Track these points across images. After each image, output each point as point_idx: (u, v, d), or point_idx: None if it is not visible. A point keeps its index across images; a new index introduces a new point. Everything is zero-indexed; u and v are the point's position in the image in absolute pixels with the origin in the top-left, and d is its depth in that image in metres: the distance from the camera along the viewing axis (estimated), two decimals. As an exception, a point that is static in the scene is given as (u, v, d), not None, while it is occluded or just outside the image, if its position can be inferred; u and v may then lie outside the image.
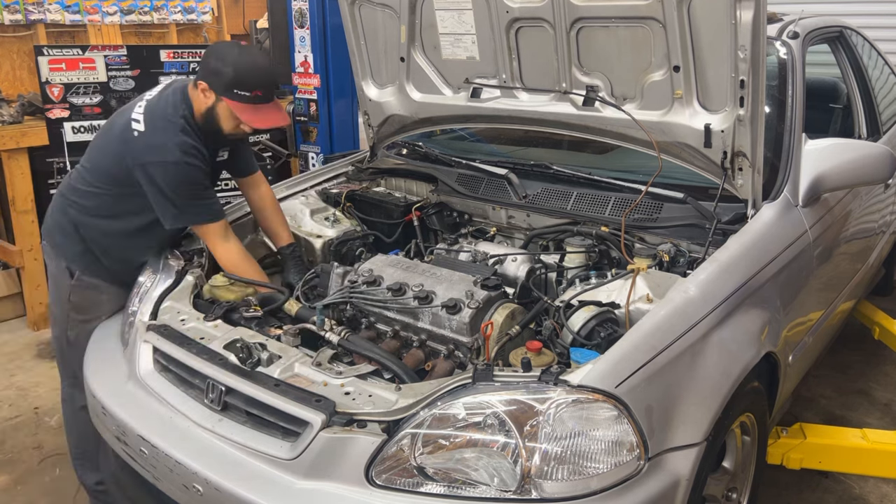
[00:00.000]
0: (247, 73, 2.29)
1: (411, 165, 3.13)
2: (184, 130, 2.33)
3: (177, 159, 2.29)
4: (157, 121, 2.34)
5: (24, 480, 3.00)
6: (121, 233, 2.50)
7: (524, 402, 1.68)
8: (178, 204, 2.35)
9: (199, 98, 2.35)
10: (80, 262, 2.53)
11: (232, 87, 2.28)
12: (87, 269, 2.53)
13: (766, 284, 2.20)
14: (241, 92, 2.28)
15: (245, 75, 2.28)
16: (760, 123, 2.19)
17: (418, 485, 1.67)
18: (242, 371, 1.93)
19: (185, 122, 2.35)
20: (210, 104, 2.34)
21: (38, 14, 4.77)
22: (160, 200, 2.35)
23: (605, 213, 2.49)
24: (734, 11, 2.05)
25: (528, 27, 2.52)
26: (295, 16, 4.66)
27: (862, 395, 3.54)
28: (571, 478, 1.63)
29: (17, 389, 3.68)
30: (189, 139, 2.33)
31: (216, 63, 2.30)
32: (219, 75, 2.28)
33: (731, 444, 2.18)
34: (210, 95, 2.32)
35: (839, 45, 3.41)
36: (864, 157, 2.50)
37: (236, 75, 2.27)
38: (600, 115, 2.54)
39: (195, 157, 2.33)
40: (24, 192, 4.21)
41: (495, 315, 2.07)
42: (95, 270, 2.53)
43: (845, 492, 2.86)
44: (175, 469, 1.88)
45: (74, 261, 2.54)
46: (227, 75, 2.27)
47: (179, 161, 2.30)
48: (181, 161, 2.30)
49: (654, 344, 1.80)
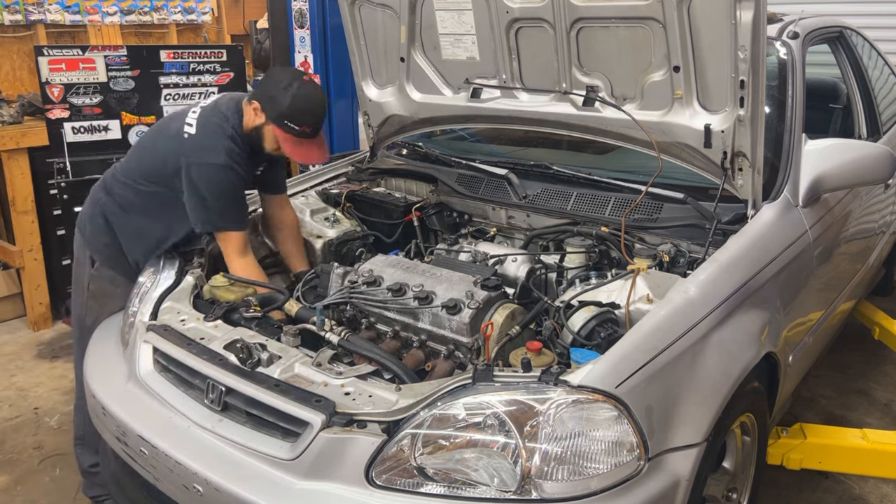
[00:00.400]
0: (301, 109, 2.38)
1: (411, 166, 3.13)
2: (232, 138, 2.43)
3: (221, 163, 2.39)
4: (209, 126, 2.45)
5: (24, 480, 3.00)
6: (149, 232, 2.56)
7: (524, 403, 1.68)
8: (212, 206, 2.41)
9: (250, 115, 2.45)
10: (102, 254, 2.65)
11: (283, 118, 2.37)
12: (107, 260, 2.64)
13: (766, 285, 2.20)
14: (290, 124, 2.38)
15: (299, 111, 2.37)
16: (760, 124, 2.19)
17: (418, 485, 1.67)
18: (242, 371, 1.93)
19: (235, 131, 2.45)
20: (258, 124, 2.44)
21: (38, 14, 4.78)
22: (195, 201, 2.42)
23: (605, 214, 2.49)
24: (734, 12, 2.05)
25: (528, 27, 2.53)
26: (295, 16, 4.66)
27: (862, 395, 3.54)
28: (571, 478, 1.63)
29: (17, 389, 3.68)
30: (236, 147, 2.43)
31: (275, 90, 2.39)
32: (273, 103, 2.38)
33: (731, 444, 2.19)
34: (261, 116, 2.42)
35: (839, 46, 3.41)
36: (864, 158, 2.50)
37: (290, 108, 2.36)
38: (600, 116, 2.54)
39: (238, 165, 2.43)
40: (24, 192, 4.21)
41: (495, 315, 2.07)
42: (115, 264, 2.63)
43: (845, 492, 2.86)
44: (175, 469, 1.88)
45: (98, 251, 2.66)
46: (281, 105, 2.37)
47: (223, 165, 2.39)
48: (225, 165, 2.39)
49: (654, 344, 1.80)
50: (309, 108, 2.40)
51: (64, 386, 3.69)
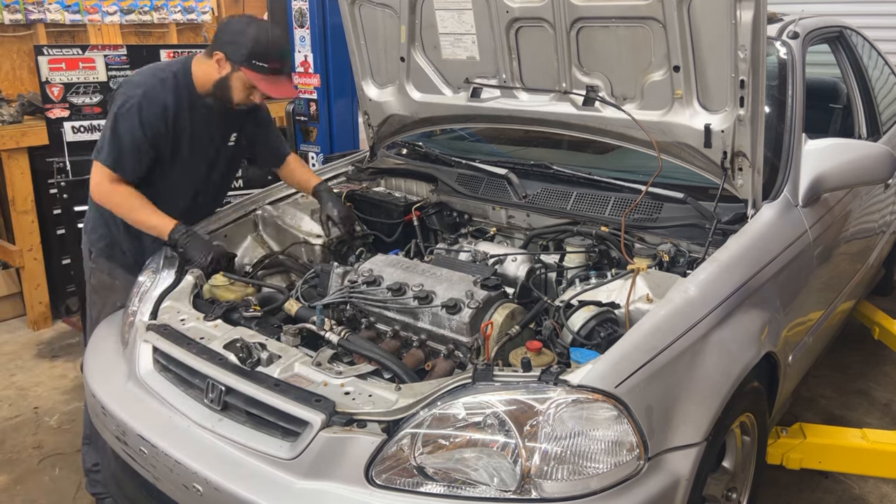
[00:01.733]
0: (266, 46, 2.38)
1: (411, 165, 3.13)
2: (164, 81, 2.42)
3: (135, 97, 2.37)
4: (144, 70, 2.50)
5: (24, 480, 3.00)
6: None
7: (524, 402, 1.68)
8: (105, 135, 2.41)
9: (212, 68, 2.42)
10: (98, 246, 2.66)
11: (251, 58, 2.36)
12: (102, 253, 2.66)
13: (766, 284, 2.20)
14: (259, 63, 2.37)
15: (264, 48, 2.38)
16: (760, 123, 2.19)
17: (418, 485, 1.67)
18: (242, 371, 1.93)
19: (174, 77, 2.43)
20: (224, 74, 2.41)
21: (38, 14, 4.78)
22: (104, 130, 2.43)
23: (605, 213, 2.49)
24: (734, 11, 2.05)
25: (528, 27, 2.52)
26: (295, 15, 4.65)
27: (862, 395, 3.54)
28: (571, 478, 1.63)
29: (17, 389, 3.68)
30: (162, 91, 2.41)
31: (235, 35, 2.39)
32: (237, 46, 2.37)
33: (730, 444, 2.18)
34: (225, 66, 2.39)
35: (839, 45, 3.41)
36: (864, 157, 2.50)
37: (256, 48, 2.36)
38: (600, 115, 2.54)
39: (154, 109, 2.39)
40: (23, 191, 4.21)
41: (495, 315, 2.07)
42: (111, 256, 2.65)
43: (845, 492, 2.86)
44: (175, 469, 1.88)
45: (94, 244, 2.67)
46: (245, 47, 2.36)
47: (135, 100, 2.37)
48: (137, 102, 2.37)
49: (654, 344, 1.80)
50: (274, 44, 2.41)
51: (64, 385, 3.69)
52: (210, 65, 2.42)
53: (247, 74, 2.39)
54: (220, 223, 2.78)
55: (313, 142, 4.87)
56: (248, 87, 2.42)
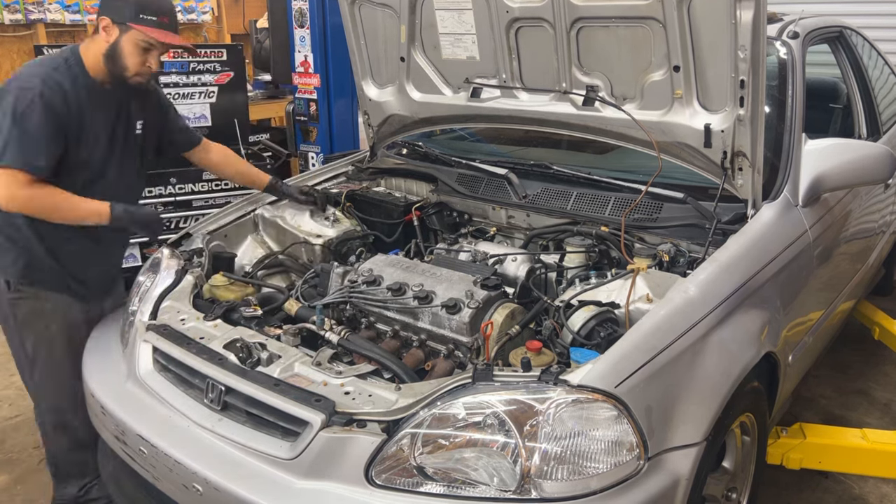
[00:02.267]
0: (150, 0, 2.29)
1: (411, 165, 3.13)
2: (56, 69, 2.27)
3: (33, 88, 2.19)
4: (30, 64, 2.34)
5: (24, 480, 3.00)
6: None
7: (524, 402, 1.68)
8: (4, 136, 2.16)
9: (101, 40, 2.29)
10: (12, 271, 2.38)
11: (138, 14, 2.26)
12: (22, 278, 2.38)
13: (766, 284, 2.20)
14: (148, 17, 2.26)
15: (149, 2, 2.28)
16: (760, 123, 2.19)
17: (418, 485, 1.67)
18: (242, 371, 1.93)
19: (66, 63, 2.29)
20: (113, 40, 2.28)
21: (38, 14, 4.78)
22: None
23: (605, 213, 2.49)
24: (734, 11, 2.05)
25: (528, 27, 2.52)
26: (295, 15, 4.66)
27: (862, 395, 3.54)
28: (571, 478, 1.63)
29: (17, 389, 3.68)
30: (58, 76, 2.25)
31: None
32: (123, 3, 2.26)
33: (730, 443, 2.18)
34: (113, 30, 2.27)
35: (839, 45, 3.41)
36: (864, 157, 2.50)
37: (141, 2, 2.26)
38: (600, 115, 2.54)
39: (56, 94, 2.22)
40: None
41: (495, 315, 2.07)
42: (33, 279, 2.39)
43: (845, 492, 2.85)
44: (174, 469, 1.88)
45: (7, 271, 2.38)
46: (129, 3, 2.26)
47: (35, 90, 2.19)
48: (38, 91, 2.19)
49: (653, 344, 1.80)
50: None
51: (64, 385, 3.69)
52: (97, 41, 2.30)
53: (138, 30, 2.26)
54: (220, 223, 2.78)
55: (313, 142, 4.87)
56: (141, 47, 2.28)
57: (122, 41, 2.28)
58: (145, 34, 2.27)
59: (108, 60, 2.31)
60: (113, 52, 2.29)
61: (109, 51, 2.29)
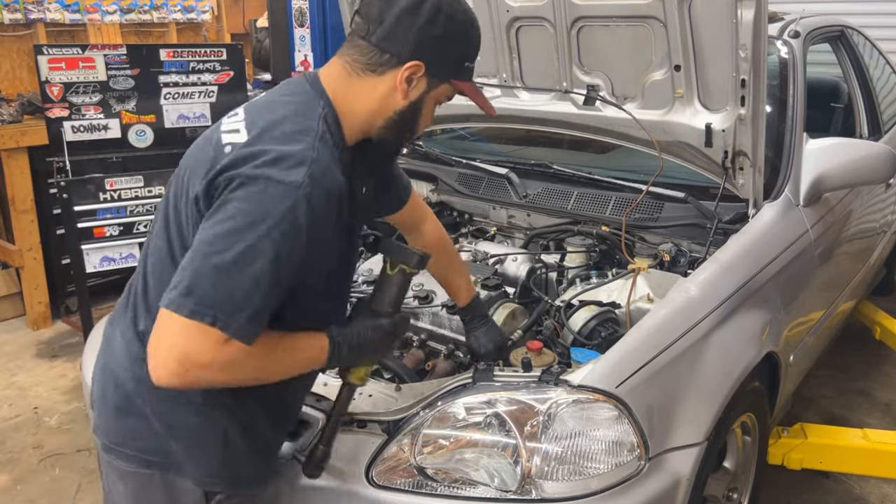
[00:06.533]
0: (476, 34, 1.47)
1: (411, 165, 3.12)
2: (323, 140, 1.34)
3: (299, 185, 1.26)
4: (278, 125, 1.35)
5: (24, 480, 3.00)
6: None
7: (525, 403, 1.67)
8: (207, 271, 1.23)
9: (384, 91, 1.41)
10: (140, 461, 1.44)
11: (464, 62, 1.47)
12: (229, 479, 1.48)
13: (767, 284, 2.19)
14: (470, 65, 1.49)
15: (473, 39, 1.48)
16: (761, 123, 2.18)
17: (418, 485, 1.66)
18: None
19: (325, 122, 1.37)
20: (418, 96, 1.44)
21: (38, 13, 4.77)
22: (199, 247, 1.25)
23: (605, 213, 2.49)
24: (735, 10, 2.04)
25: (529, 26, 2.52)
26: (295, 15, 4.66)
27: (863, 395, 3.54)
28: (572, 478, 1.62)
29: (17, 389, 3.68)
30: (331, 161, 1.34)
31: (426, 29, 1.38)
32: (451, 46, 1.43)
33: (731, 444, 2.18)
34: (422, 83, 1.43)
35: (840, 45, 3.41)
36: (866, 157, 2.50)
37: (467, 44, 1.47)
38: (601, 115, 2.53)
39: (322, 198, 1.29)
40: (23, 191, 4.20)
41: (495, 315, 2.06)
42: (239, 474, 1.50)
43: (846, 492, 2.85)
44: (174, 469, 1.87)
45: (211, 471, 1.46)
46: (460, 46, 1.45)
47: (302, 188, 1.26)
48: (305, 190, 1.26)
49: (654, 344, 1.79)
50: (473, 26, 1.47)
51: (63, 385, 3.68)
52: (377, 85, 1.41)
53: (455, 85, 1.49)
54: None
55: (313, 141, 4.87)
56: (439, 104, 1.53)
57: (428, 97, 1.46)
58: (459, 89, 1.51)
59: (400, 123, 1.46)
60: (414, 111, 1.46)
61: (409, 110, 1.45)
